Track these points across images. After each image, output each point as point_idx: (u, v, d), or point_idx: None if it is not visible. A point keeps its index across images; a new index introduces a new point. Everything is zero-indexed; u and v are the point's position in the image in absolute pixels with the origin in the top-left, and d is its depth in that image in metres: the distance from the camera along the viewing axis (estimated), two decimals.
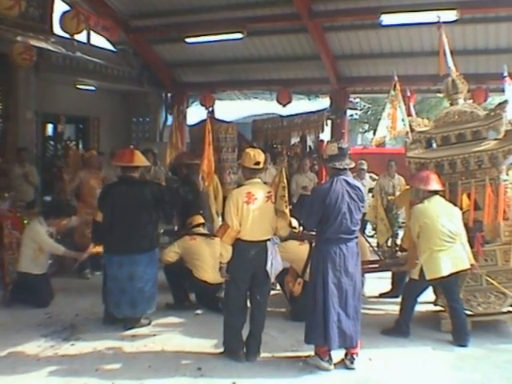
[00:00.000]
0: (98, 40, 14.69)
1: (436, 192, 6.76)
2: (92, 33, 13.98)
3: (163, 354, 6.29)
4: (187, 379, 5.62)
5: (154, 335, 6.87)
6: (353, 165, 6.12)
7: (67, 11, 11.23)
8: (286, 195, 6.28)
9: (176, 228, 9.51)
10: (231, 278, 6.03)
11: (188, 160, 9.38)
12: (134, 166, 7.12)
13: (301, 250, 7.40)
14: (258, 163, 6.06)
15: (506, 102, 7.19)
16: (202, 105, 15.90)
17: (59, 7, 12.29)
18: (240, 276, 5.99)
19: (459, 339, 6.62)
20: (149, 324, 7.24)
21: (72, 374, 5.68)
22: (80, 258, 8.45)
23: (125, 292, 6.92)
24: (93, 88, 15.21)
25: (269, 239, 6.07)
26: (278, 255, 6.26)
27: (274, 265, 6.09)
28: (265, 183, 6.70)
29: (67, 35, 11.67)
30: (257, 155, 6.07)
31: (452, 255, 6.55)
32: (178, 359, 6.09)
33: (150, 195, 7.00)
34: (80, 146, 16.68)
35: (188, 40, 13.90)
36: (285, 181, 6.32)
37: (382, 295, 8.61)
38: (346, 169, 5.93)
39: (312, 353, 6.00)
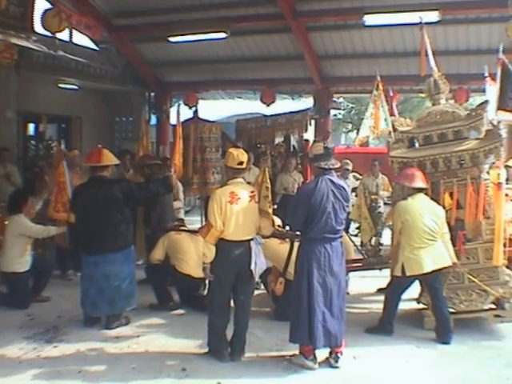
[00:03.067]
0: (81, 38, 14.60)
1: (420, 190, 6.82)
2: (74, 31, 13.88)
3: (147, 354, 6.28)
4: (172, 380, 5.62)
5: (138, 336, 6.86)
6: (338, 165, 6.17)
7: (49, 9, 11.15)
8: (270, 195, 6.32)
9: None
10: (215, 278, 6.03)
11: (149, 160, 9.55)
12: (103, 165, 7.14)
13: (281, 249, 7.43)
14: (241, 163, 6.07)
15: (486, 102, 7.28)
16: (186, 104, 15.86)
17: (40, 5, 12.18)
18: (224, 276, 5.99)
19: (442, 337, 6.68)
20: (127, 324, 7.24)
21: (55, 376, 5.65)
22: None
23: (102, 291, 6.97)
24: (75, 87, 15.14)
25: (252, 239, 6.08)
26: (262, 254, 6.28)
27: (258, 264, 6.10)
28: (248, 183, 6.71)
29: (49, 33, 11.60)
30: (240, 155, 6.09)
31: (433, 253, 6.62)
32: (162, 360, 6.08)
33: (120, 193, 7.03)
34: (62, 145, 16.59)
35: (171, 39, 13.84)
36: (268, 181, 6.36)
37: (379, 290, 8.54)
38: (331, 168, 5.96)
39: (296, 352, 6.02)
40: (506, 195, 7.54)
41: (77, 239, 7.50)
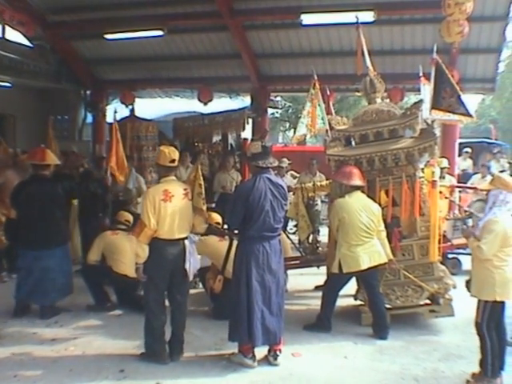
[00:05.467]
0: (14, 35, 14.23)
1: (357, 188, 6.91)
2: (7, 27, 13.54)
3: (85, 357, 6.18)
4: (110, 382, 5.54)
5: (75, 338, 6.74)
6: (276, 163, 6.20)
7: None
8: (203, 192, 6.32)
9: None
10: (149, 278, 6.00)
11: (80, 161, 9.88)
12: (46, 164, 7.41)
13: (220, 246, 7.40)
14: (173, 161, 6.06)
15: (421, 101, 7.42)
16: (123, 102, 15.66)
17: None
18: (158, 275, 5.94)
19: (379, 332, 6.80)
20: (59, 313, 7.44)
21: None
22: None
23: (39, 283, 7.26)
24: (8, 84, 14.74)
25: (186, 237, 6.07)
26: (196, 253, 6.27)
27: (193, 263, 6.09)
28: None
29: None
30: (172, 153, 6.07)
31: (369, 250, 6.72)
32: (100, 362, 5.99)
33: (62, 191, 7.38)
34: None
35: (107, 36, 13.66)
36: (201, 178, 6.36)
37: (317, 287, 8.59)
38: (268, 167, 5.98)
39: (235, 350, 6.03)
40: (440, 193, 7.74)
41: (15, 234, 7.68)
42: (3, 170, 9.34)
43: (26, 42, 15.10)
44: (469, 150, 16.95)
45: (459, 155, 15.78)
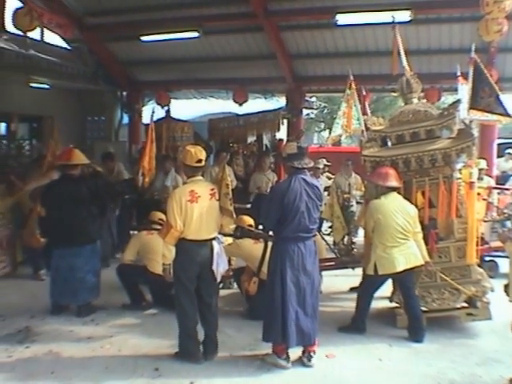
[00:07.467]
0: (52, 37, 14.43)
1: (393, 189, 6.84)
2: (46, 30, 13.73)
3: (120, 354, 6.24)
4: (145, 380, 5.59)
5: (111, 336, 6.80)
6: (311, 164, 6.18)
7: (20, 8, 10.97)
8: (230, 192, 6.33)
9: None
10: (177, 279, 6.01)
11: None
12: (73, 164, 7.48)
13: (255, 249, 7.41)
14: (199, 161, 6.04)
15: (458, 101, 7.33)
16: (158, 103, 15.77)
17: (11, 4, 12.00)
18: (186, 276, 5.95)
19: (415, 335, 6.72)
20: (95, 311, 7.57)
21: (27, 377, 5.59)
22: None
23: (66, 282, 7.35)
24: (47, 86, 14.93)
25: (214, 238, 6.06)
26: (224, 254, 6.26)
27: (220, 264, 6.07)
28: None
29: (20, 32, 11.44)
30: (198, 153, 6.04)
31: (405, 251, 6.64)
32: (135, 360, 6.05)
33: (87, 190, 7.43)
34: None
35: (143, 38, 13.80)
36: (228, 178, 6.39)
37: (352, 289, 8.54)
38: (304, 168, 5.96)
39: (269, 351, 6.02)
40: (478, 194, 7.63)
41: (46, 230, 8.08)
42: (49, 170, 9.44)
43: (63, 44, 15.31)
44: None
45: (501, 156, 15.53)
